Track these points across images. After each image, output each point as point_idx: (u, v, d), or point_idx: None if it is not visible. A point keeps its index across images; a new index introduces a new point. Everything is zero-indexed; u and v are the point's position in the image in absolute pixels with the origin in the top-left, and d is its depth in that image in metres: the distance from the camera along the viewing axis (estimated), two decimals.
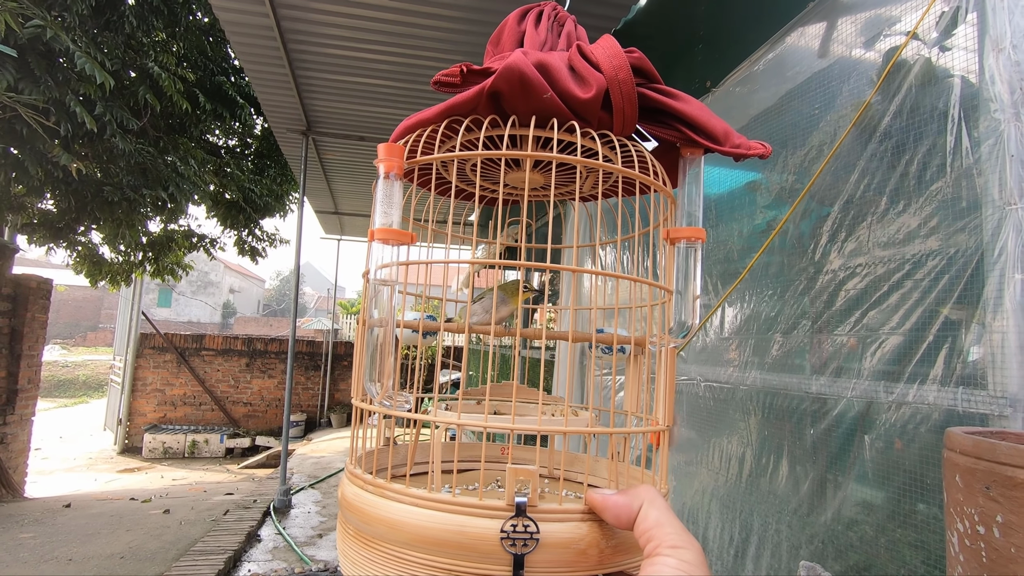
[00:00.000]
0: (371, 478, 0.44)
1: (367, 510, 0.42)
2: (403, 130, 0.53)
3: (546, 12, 0.58)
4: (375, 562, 0.40)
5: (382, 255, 0.46)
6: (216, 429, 9.15)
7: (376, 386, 0.46)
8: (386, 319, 0.47)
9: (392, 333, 0.47)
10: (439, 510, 0.39)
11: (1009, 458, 0.64)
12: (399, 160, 0.47)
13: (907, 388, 1.18)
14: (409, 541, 0.39)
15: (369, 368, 0.47)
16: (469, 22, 2.97)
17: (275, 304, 36.34)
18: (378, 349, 0.46)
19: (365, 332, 0.47)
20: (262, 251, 7.60)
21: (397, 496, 0.41)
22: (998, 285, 1.03)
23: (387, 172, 0.47)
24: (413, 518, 0.39)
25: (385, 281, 0.47)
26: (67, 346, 20.57)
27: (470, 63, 0.52)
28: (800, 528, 1.45)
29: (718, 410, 1.86)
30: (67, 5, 3.97)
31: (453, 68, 0.52)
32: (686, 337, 0.52)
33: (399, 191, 0.48)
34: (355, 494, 0.44)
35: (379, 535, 0.41)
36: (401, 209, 0.48)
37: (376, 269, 0.46)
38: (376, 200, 0.47)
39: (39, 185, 4.63)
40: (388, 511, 0.41)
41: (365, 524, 0.42)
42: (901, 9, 1.38)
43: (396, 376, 0.48)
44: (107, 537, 3.92)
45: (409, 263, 0.48)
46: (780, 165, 1.70)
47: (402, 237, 0.47)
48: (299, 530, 4.12)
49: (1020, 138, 1.04)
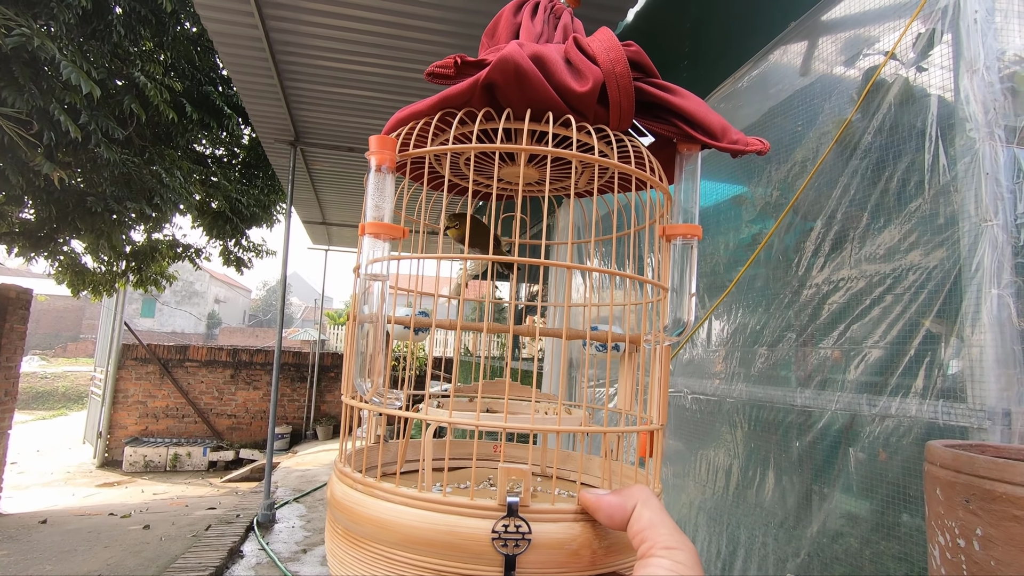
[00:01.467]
0: (360, 477, 0.43)
1: (356, 509, 0.41)
2: (395, 122, 0.52)
3: (542, 4, 0.57)
4: (364, 562, 0.40)
5: (373, 250, 0.45)
6: (199, 442, 8.99)
7: (366, 383, 0.46)
8: (377, 315, 0.46)
9: (383, 329, 0.46)
10: (429, 510, 0.38)
11: (988, 471, 0.65)
12: (391, 153, 0.46)
13: (890, 401, 1.20)
14: (399, 541, 0.38)
15: (359, 365, 0.46)
16: (459, 36, 2.99)
17: (261, 314, 35.97)
18: (368, 345, 0.45)
19: (355, 328, 0.46)
20: (248, 261, 7.53)
21: (387, 495, 0.40)
22: (975, 299, 1.05)
23: (379, 165, 0.46)
24: (403, 518, 0.39)
25: (376, 276, 0.46)
26: (47, 357, 20.15)
27: (464, 54, 0.51)
28: (787, 541, 1.45)
29: (705, 422, 1.87)
30: (53, 14, 3.94)
31: (447, 59, 0.51)
32: (682, 335, 0.52)
33: (391, 184, 0.47)
34: (344, 493, 0.43)
35: (368, 535, 0.40)
36: (393, 203, 0.47)
37: (367, 264, 0.45)
38: (367, 194, 0.46)
39: (19, 194, 4.57)
40: (377, 510, 0.40)
41: (354, 523, 0.41)
42: (880, 30, 1.42)
43: (387, 373, 0.47)
44: (84, 554, 3.82)
45: (401, 257, 0.47)
46: (764, 180, 1.73)
47: (394, 231, 0.46)
48: (283, 545, 4.04)
49: (994, 156, 1.07)
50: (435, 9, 2.79)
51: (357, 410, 0.48)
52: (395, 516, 0.39)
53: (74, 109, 4.19)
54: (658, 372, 0.50)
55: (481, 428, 0.42)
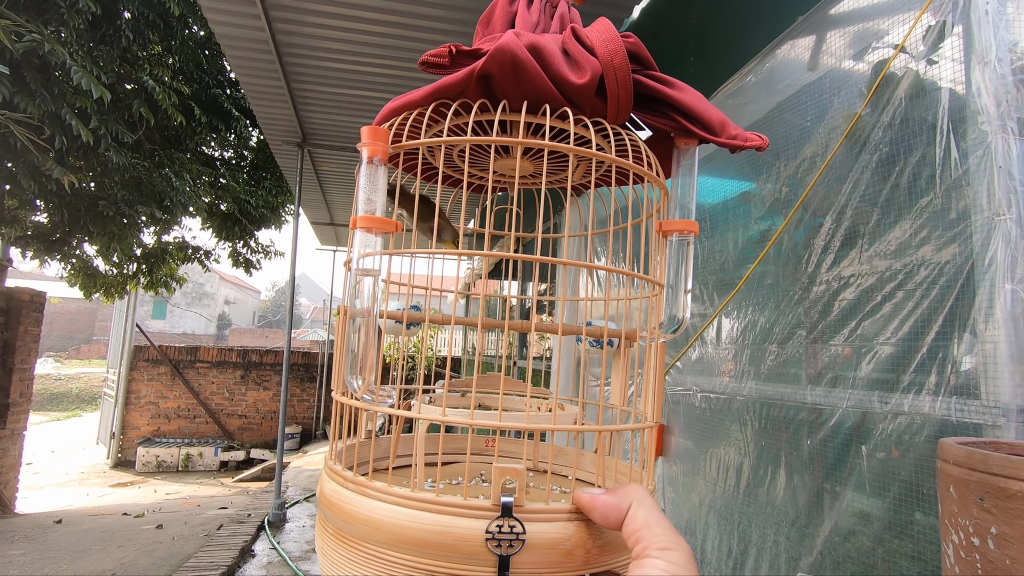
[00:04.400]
0: (351, 475, 0.42)
1: (347, 508, 0.40)
2: (388, 112, 0.51)
3: None
4: (355, 562, 0.39)
5: (365, 244, 0.44)
6: (210, 442, 9.07)
7: (358, 380, 0.45)
8: (368, 310, 0.45)
9: (375, 325, 0.45)
10: (422, 509, 0.38)
11: (1002, 469, 0.64)
12: (383, 144, 0.45)
13: (902, 398, 1.18)
14: (390, 541, 0.38)
15: (350, 361, 0.45)
16: (464, 36, 2.99)
17: (270, 315, 36.19)
18: (360, 340, 0.44)
19: (347, 323, 0.45)
20: (257, 263, 7.58)
21: (378, 494, 0.40)
22: (988, 295, 1.03)
23: (371, 157, 0.45)
24: (395, 517, 0.38)
25: (368, 271, 0.44)
26: (60, 359, 20.40)
27: (459, 43, 0.50)
28: (798, 539, 1.44)
29: (715, 421, 1.86)
30: (64, 20, 3.98)
31: (441, 48, 0.49)
32: (676, 331, 0.51)
33: (383, 177, 0.46)
34: (334, 491, 0.42)
35: (359, 534, 0.39)
36: (385, 196, 0.46)
37: (359, 258, 0.44)
38: (359, 186, 0.45)
39: (32, 198, 4.62)
40: (369, 510, 0.39)
41: (345, 523, 0.40)
42: (889, 23, 1.40)
43: (378, 369, 0.46)
44: (98, 553, 3.87)
45: (393, 252, 0.46)
46: (773, 176, 1.71)
47: (386, 225, 0.44)
48: (294, 544, 4.07)
49: (1007, 150, 1.06)
50: (439, 9, 2.79)
51: (350, 407, 0.46)
52: (387, 516, 0.38)
53: (84, 113, 4.24)
54: (652, 369, 0.49)
55: (475, 427, 0.41)
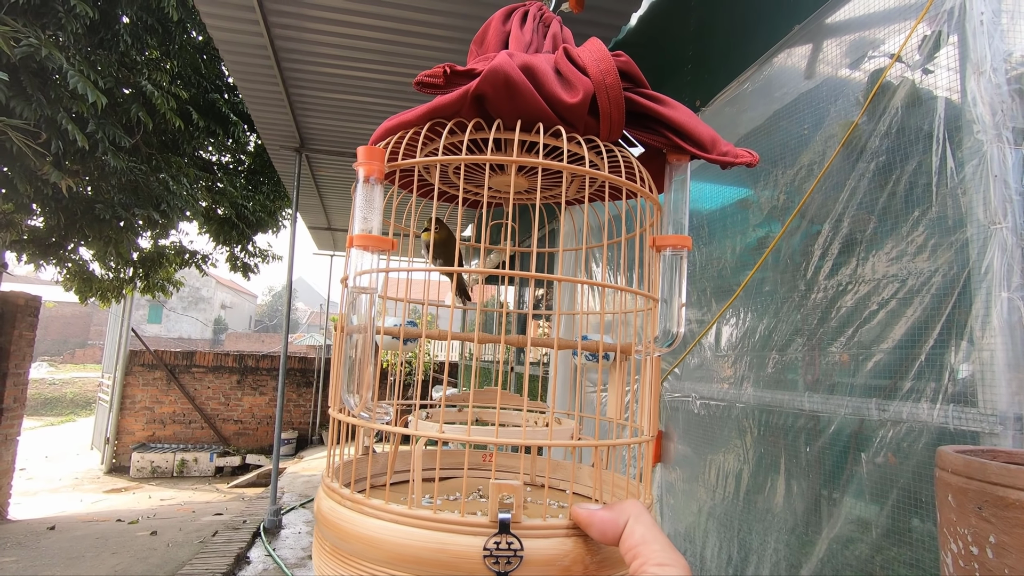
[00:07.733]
0: (348, 493, 0.42)
1: (344, 526, 0.40)
2: (384, 131, 0.51)
3: (531, 12, 0.57)
4: None
5: (361, 262, 0.45)
6: (206, 447, 9.02)
7: (354, 397, 0.45)
8: (365, 327, 0.45)
9: (372, 342, 0.45)
10: (419, 527, 0.38)
11: (1000, 478, 0.64)
12: (379, 163, 0.46)
13: (900, 405, 1.19)
14: (388, 559, 0.38)
15: (347, 378, 0.45)
16: (461, 42, 3.00)
17: (267, 320, 36.07)
18: (356, 358, 0.45)
19: (343, 340, 0.45)
20: (254, 267, 7.56)
21: (375, 512, 0.40)
22: (985, 303, 1.04)
23: (367, 176, 0.45)
24: (392, 535, 0.38)
25: (364, 289, 0.45)
26: (55, 363, 20.28)
27: (454, 64, 0.51)
28: (798, 546, 1.44)
29: (714, 427, 1.86)
30: (61, 24, 3.98)
31: (436, 69, 0.50)
32: (671, 346, 0.51)
33: (379, 195, 0.46)
34: (331, 509, 0.42)
35: (356, 552, 0.39)
36: (382, 214, 0.46)
37: (355, 276, 0.45)
38: (355, 205, 0.45)
39: (28, 202, 4.61)
40: (366, 528, 0.39)
41: (342, 541, 0.40)
42: (885, 32, 1.41)
43: (375, 386, 0.46)
44: (92, 560, 3.84)
45: (389, 270, 0.46)
46: (771, 183, 1.72)
47: (382, 244, 0.45)
48: (289, 551, 4.04)
49: (1003, 159, 1.06)
50: (437, 16, 2.80)
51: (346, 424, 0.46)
52: (384, 534, 0.38)
53: (81, 118, 4.23)
54: (648, 382, 0.49)
55: (472, 443, 0.42)
